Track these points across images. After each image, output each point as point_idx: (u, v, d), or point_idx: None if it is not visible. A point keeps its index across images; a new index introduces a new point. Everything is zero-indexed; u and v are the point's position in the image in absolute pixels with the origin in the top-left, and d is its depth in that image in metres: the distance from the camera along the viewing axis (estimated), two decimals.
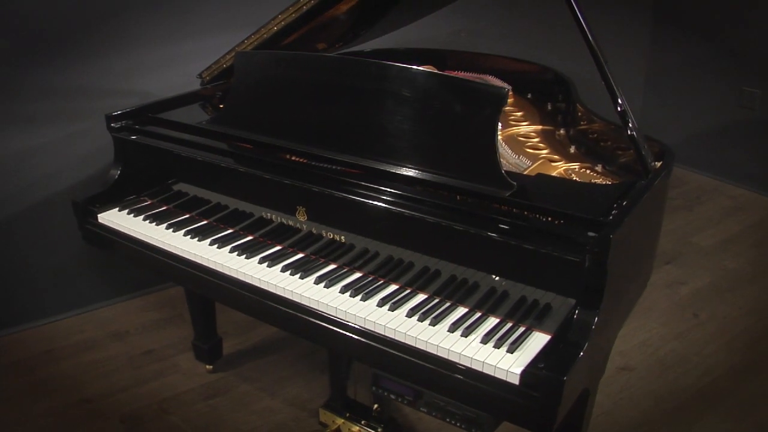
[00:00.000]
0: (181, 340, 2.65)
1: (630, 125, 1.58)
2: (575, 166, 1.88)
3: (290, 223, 1.73)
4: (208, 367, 2.49)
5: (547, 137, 2.13)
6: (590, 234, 1.27)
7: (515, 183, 1.48)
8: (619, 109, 1.60)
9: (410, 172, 1.58)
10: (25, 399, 2.35)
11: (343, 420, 2.02)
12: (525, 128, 2.19)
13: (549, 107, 2.38)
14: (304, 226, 1.70)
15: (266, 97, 1.87)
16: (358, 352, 1.45)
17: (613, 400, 2.32)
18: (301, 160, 1.73)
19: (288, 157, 1.75)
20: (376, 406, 1.94)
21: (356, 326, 1.44)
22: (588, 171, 1.84)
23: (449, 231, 1.44)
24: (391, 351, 1.38)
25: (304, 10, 1.97)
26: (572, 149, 2.02)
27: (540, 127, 2.21)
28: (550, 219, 1.37)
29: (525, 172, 1.71)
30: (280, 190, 1.69)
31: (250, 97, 1.90)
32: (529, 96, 2.49)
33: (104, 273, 2.89)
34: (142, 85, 2.70)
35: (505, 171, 1.59)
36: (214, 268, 1.69)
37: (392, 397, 1.41)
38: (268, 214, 1.77)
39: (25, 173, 2.58)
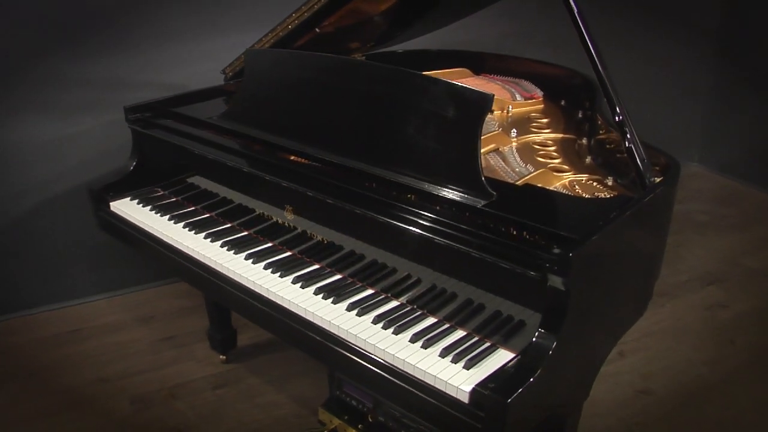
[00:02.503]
0: (202, 329, 2.70)
1: (628, 136, 1.49)
2: (583, 177, 1.79)
3: (281, 220, 1.73)
4: (221, 357, 2.54)
5: (564, 146, 2.04)
6: (555, 251, 1.21)
7: (494, 193, 1.42)
8: (617, 118, 1.51)
9: (390, 176, 1.54)
10: (48, 374, 2.47)
11: (340, 421, 2.00)
12: (544, 136, 2.11)
13: (579, 115, 2.29)
14: (293, 225, 1.70)
15: (268, 94, 1.88)
16: (322, 355, 1.44)
17: (627, 424, 2.21)
18: (291, 157, 1.73)
19: (279, 155, 1.75)
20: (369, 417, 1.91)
21: (321, 328, 1.43)
22: (595, 183, 1.75)
23: (423, 238, 1.40)
24: (351, 356, 1.36)
25: (316, 9, 1.97)
26: (588, 159, 1.93)
27: (561, 135, 2.13)
28: (517, 232, 1.31)
29: (518, 182, 1.64)
30: (266, 186, 1.70)
31: (256, 94, 1.92)
32: (563, 103, 2.40)
33: (139, 258, 2.98)
34: (177, 78, 2.77)
35: (495, 180, 1.55)
36: (202, 261, 1.72)
37: (353, 403, 1.39)
38: (264, 211, 1.78)
39: (61, 159, 2.71)
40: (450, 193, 1.44)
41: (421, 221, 1.41)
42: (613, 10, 3.76)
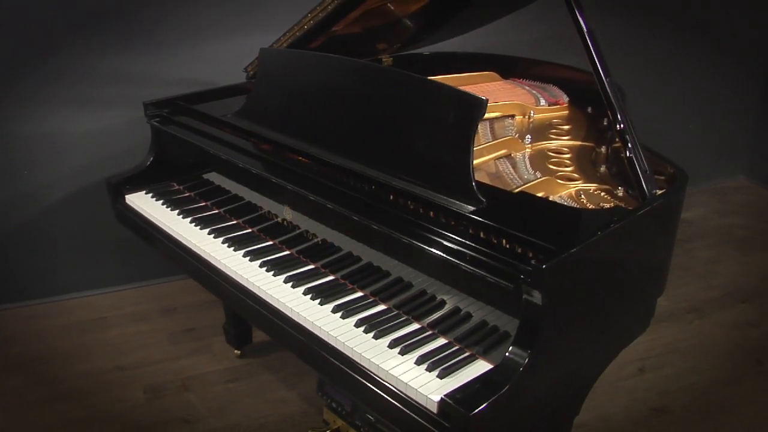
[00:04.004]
0: (221, 323, 2.74)
1: (629, 145, 1.44)
2: (591, 187, 1.74)
3: (283, 219, 1.74)
4: (236, 351, 2.57)
5: (580, 154, 1.99)
6: (531, 262, 1.17)
7: (484, 200, 1.39)
8: (619, 126, 1.46)
9: (384, 178, 1.52)
10: (69, 359, 2.55)
11: (343, 422, 2.01)
12: (561, 143, 2.06)
13: (604, 122, 2.23)
14: (293, 224, 1.71)
15: (278, 93, 1.89)
16: (305, 355, 1.44)
17: None
18: (293, 158, 1.74)
19: (283, 155, 1.76)
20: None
21: (304, 328, 1.43)
22: (603, 194, 1.70)
23: (411, 243, 1.38)
24: (330, 358, 1.36)
25: (329, 9, 1.98)
26: (602, 168, 1.88)
27: (579, 143, 2.08)
28: (497, 240, 1.28)
29: (515, 190, 1.60)
30: (270, 186, 1.71)
31: (267, 93, 1.94)
32: (589, 110, 2.34)
33: None
34: (208, 76, 2.81)
35: (490, 186, 1.52)
36: (202, 255, 1.74)
37: (333, 405, 1.39)
38: (270, 209, 1.80)
39: (92, 152, 2.80)
40: (440, 199, 1.42)
41: (411, 227, 1.40)
42: (662, 29, 3.69)
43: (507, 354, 1.17)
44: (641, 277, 1.47)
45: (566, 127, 2.21)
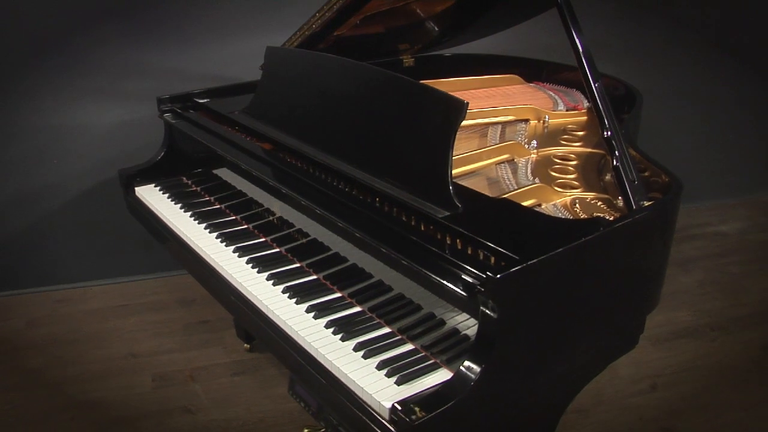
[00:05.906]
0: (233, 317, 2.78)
1: (617, 154, 1.39)
2: (589, 196, 1.69)
3: (277, 218, 1.76)
4: (246, 345, 2.60)
5: (587, 161, 1.94)
6: (487, 272, 1.14)
7: (460, 205, 1.37)
8: (606, 134, 1.41)
9: (363, 177, 1.52)
10: (86, 344, 2.63)
11: None
12: (570, 149, 2.01)
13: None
14: (287, 222, 1.72)
15: (279, 91, 1.91)
16: (277, 351, 1.45)
17: None
18: (287, 156, 1.75)
19: (281, 155, 1.78)
20: None
21: (276, 325, 1.44)
22: (599, 203, 1.65)
23: (387, 247, 1.37)
24: (297, 357, 1.36)
25: (335, 9, 1.98)
26: (607, 177, 1.82)
27: (589, 149, 2.02)
28: (461, 248, 1.25)
29: (507, 195, 1.56)
30: (262, 184, 1.73)
31: (270, 91, 1.96)
32: None
33: None
34: (235, 72, 2.84)
35: (473, 191, 1.49)
36: (195, 249, 1.78)
37: (302, 404, 1.39)
38: (268, 206, 1.81)
39: (119, 145, 2.87)
40: (415, 202, 1.40)
41: (382, 229, 1.39)
42: (707, 43, 3.62)
43: (461, 367, 1.14)
44: (624, 291, 1.41)
45: (580, 133, 2.16)
